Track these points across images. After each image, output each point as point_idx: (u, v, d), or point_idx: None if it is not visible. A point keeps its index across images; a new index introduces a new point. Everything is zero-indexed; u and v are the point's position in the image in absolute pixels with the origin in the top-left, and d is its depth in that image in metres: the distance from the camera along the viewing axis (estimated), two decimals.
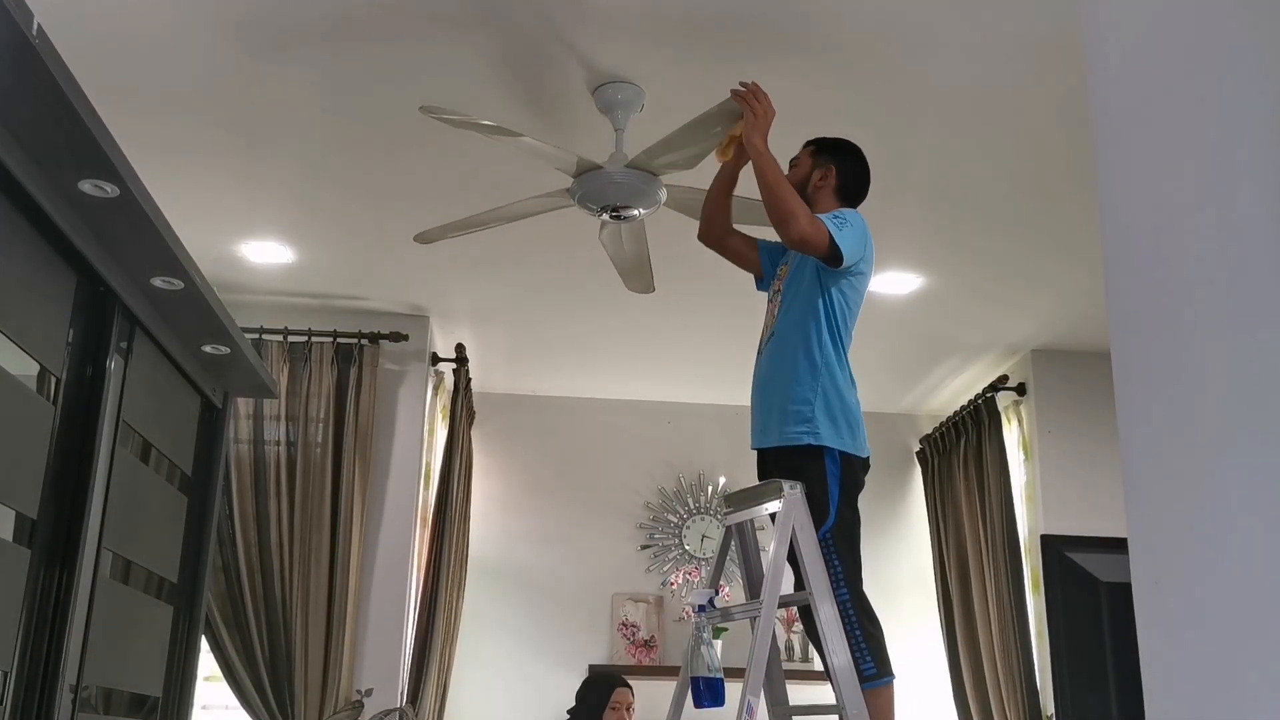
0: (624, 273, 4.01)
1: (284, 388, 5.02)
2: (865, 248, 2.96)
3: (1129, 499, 1.29)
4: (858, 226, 2.94)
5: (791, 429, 2.88)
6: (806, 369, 2.90)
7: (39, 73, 1.44)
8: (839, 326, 2.95)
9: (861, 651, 2.75)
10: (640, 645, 5.94)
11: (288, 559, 4.81)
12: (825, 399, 2.87)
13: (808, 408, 2.87)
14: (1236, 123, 1.14)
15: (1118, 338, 1.34)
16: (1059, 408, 5.39)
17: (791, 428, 2.88)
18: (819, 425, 2.85)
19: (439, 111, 3.23)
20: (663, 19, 3.16)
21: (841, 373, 2.94)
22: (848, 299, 2.97)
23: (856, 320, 3.04)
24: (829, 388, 2.89)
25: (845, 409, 2.91)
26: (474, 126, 3.29)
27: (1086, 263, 4.49)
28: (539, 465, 6.21)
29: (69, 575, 1.83)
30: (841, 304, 2.95)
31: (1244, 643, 1.09)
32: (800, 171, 3.14)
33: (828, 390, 2.88)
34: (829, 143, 3.18)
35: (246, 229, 4.51)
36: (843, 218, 2.92)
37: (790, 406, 2.89)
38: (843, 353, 2.96)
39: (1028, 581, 5.25)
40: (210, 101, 3.60)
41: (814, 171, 3.10)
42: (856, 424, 2.93)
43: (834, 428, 2.87)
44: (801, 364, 2.92)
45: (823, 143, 3.18)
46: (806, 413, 2.86)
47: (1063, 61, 3.25)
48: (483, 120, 3.30)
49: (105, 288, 1.92)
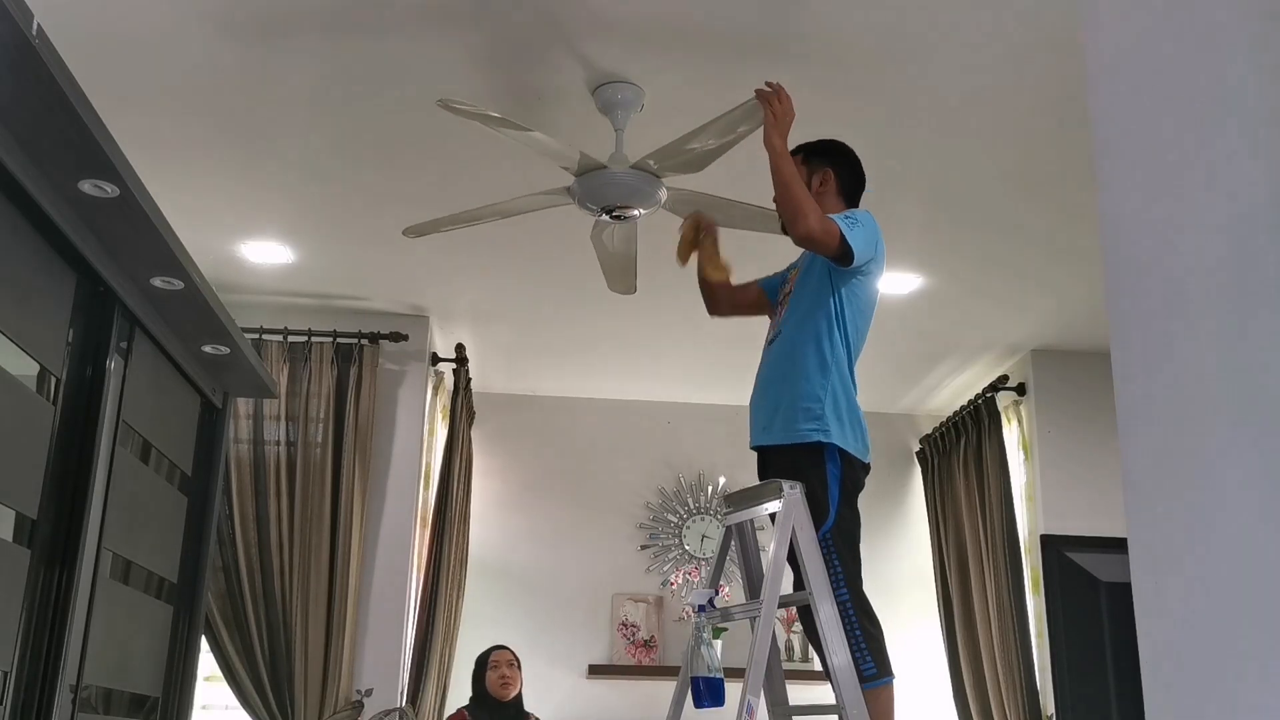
0: (609, 272, 4.01)
1: (284, 388, 5.02)
2: (876, 249, 2.95)
3: (1129, 499, 1.29)
4: (869, 226, 2.93)
5: (801, 426, 2.86)
6: (817, 366, 2.90)
7: (39, 73, 1.44)
8: (849, 328, 2.93)
9: (861, 651, 2.74)
10: (640, 645, 5.93)
11: (288, 559, 4.81)
12: (834, 398, 2.87)
13: (818, 405, 2.86)
14: (1236, 122, 1.14)
15: (1118, 338, 1.34)
16: (1059, 408, 5.39)
17: (800, 425, 2.87)
18: (829, 423, 2.85)
19: (455, 104, 3.23)
20: (663, 19, 3.16)
21: (851, 374, 2.93)
22: (859, 300, 2.94)
23: (869, 325, 3.00)
24: (838, 387, 2.88)
25: (852, 411, 2.90)
26: (486, 119, 3.27)
27: (1086, 263, 4.49)
28: (539, 465, 6.21)
29: (69, 575, 1.83)
30: (852, 305, 2.93)
31: (1244, 642, 1.09)
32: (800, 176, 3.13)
33: (837, 390, 2.87)
34: (817, 146, 3.15)
35: (246, 229, 4.51)
36: (854, 218, 2.92)
37: (800, 404, 2.88)
38: (852, 356, 2.94)
39: (1028, 581, 5.25)
40: (210, 102, 3.60)
41: (812, 178, 3.08)
42: (862, 428, 2.93)
43: (841, 427, 2.87)
44: (811, 361, 2.91)
45: (811, 148, 3.15)
46: (816, 410, 2.86)
47: (1062, 63, 3.25)
48: (494, 113, 3.29)
49: (105, 288, 1.92)
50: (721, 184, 3.56)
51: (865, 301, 2.98)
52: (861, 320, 2.97)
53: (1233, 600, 1.10)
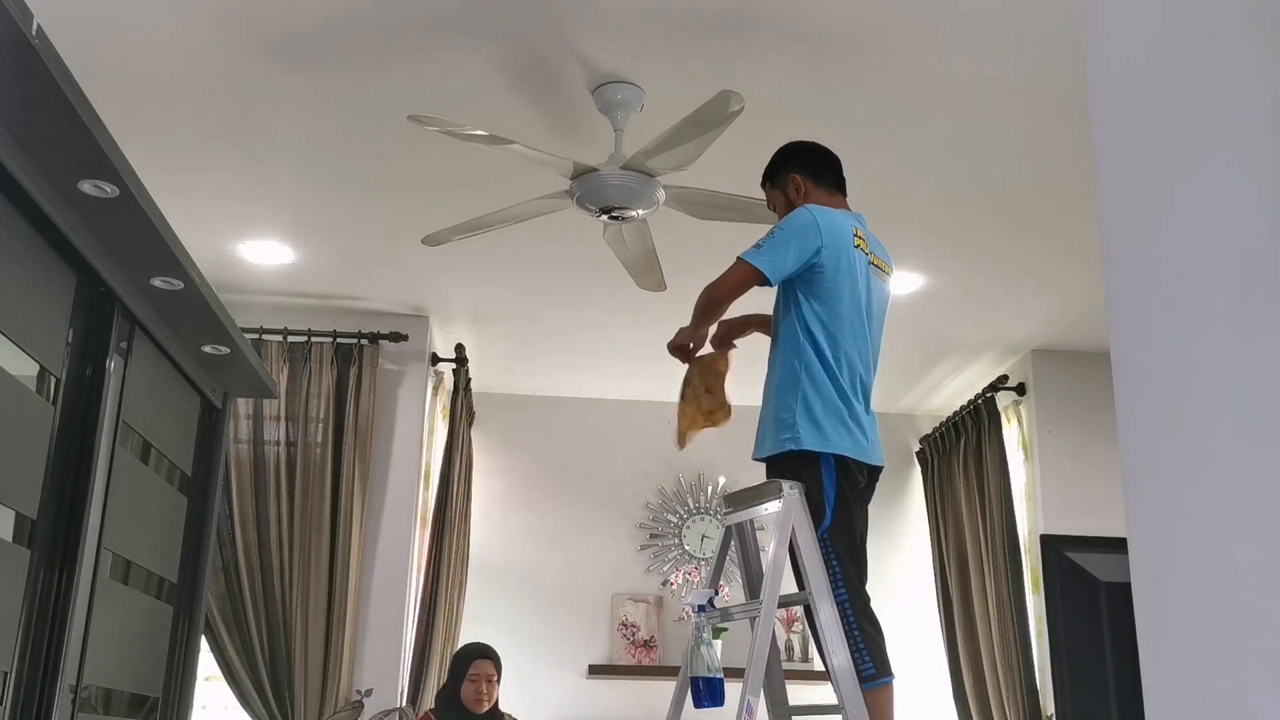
0: (633, 272, 4.00)
1: (284, 388, 5.02)
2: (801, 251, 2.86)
3: (1129, 499, 1.29)
4: (785, 230, 2.88)
5: (778, 437, 2.87)
6: (788, 375, 2.89)
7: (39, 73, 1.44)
8: (820, 328, 2.88)
9: (860, 652, 2.74)
10: (640, 645, 5.94)
11: (288, 559, 4.81)
12: (806, 403, 2.84)
13: (789, 414, 2.85)
14: (1236, 123, 1.14)
15: (1118, 338, 1.34)
16: (1059, 408, 5.39)
17: (778, 436, 2.87)
18: (800, 430, 2.83)
19: (427, 120, 3.23)
20: (663, 19, 3.16)
21: (829, 376, 2.85)
22: (822, 295, 2.87)
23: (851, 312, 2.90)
24: (810, 391, 2.85)
25: (833, 411, 2.84)
26: (461, 136, 3.28)
27: (1086, 263, 4.49)
28: (539, 465, 6.21)
29: (69, 575, 1.83)
30: (817, 302, 2.87)
31: (1244, 642, 1.09)
32: (779, 203, 3.11)
33: (809, 394, 2.84)
34: (769, 168, 3.14)
35: (246, 229, 4.51)
36: (772, 233, 2.89)
37: (775, 415, 2.89)
38: (829, 355, 2.86)
39: (1028, 581, 5.25)
40: (210, 102, 3.60)
41: (786, 192, 3.08)
42: (849, 425, 2.86)
43: (817, 430, 2.83)
44: (783, 372, 2.90)
45: (767, 169, 3.14)
46: (788, 420, 2.85)
47: (1061, 64, 3.25)
48: (471, 130, 3.28)
49: (105, 288, 1.92)
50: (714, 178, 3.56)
51: (829, 293, 2.88)
52: (831, 315, 2.89)
53: (1232, 600, 1.11)
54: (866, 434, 2.91)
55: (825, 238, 2.87)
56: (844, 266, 2.90)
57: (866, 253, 2.98)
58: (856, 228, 2.97)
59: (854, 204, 3.14)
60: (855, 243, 2.94)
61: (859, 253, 2.94)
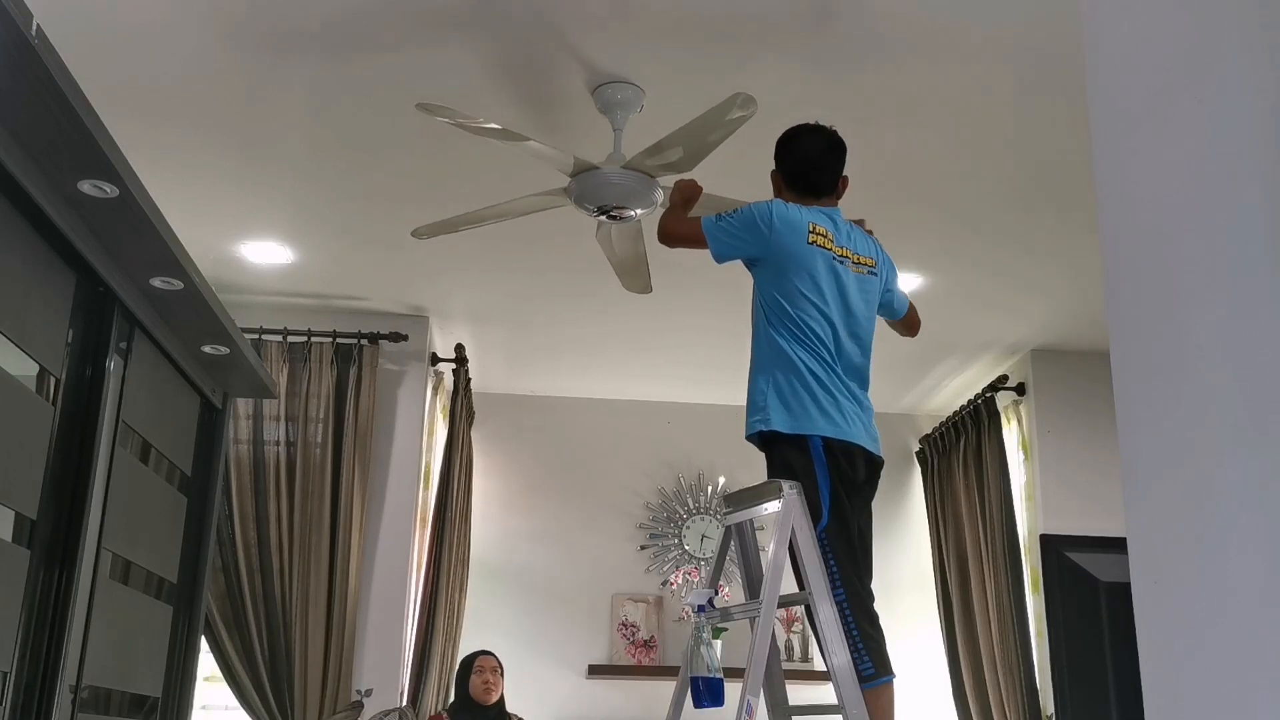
0: (621, 273, 4.01)
1: (283, 388, 5.02)
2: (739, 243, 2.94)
3: (1129, 499, 1.29)
4: (739, 218, 2.95)
5: (751, 418, 2.94)
6: (758, 358, 2.96)
7: (39, 73, 1.44)
8: (782, 313, 2.90)
9: (859, 651, 2.74)
10: (640, 645, 5.94)
11: (288, 559, 4.81)
12: (777, 385, 2.89)
13: (761, 397, 2.92)
14: (1236, 123, 1.14)
15: (1117, 338, 1.34)
16: (1058, 408, 5.39)
17: (751, 417, 2.94)
18: (770, 411, 2.88)
19: (437, 109, 3.23)
20: (663, 19, 3.16)
21: (798, 359, 2.87)
22: (778, 278, 2.92)
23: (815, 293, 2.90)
24: (779, 374, 2.89)
25: (803, 392, 2.85)
26: (472, 129, 3.28)
27: (1086, 263, 4.49)
28: (539, 465, 6.21)
29: (69, 575, 1.83)
30: (775, 287, 2.92)
31: (1244, 643, 1.09)
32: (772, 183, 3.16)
33: (778, 377, 2.89)
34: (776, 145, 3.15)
35: (246, 229, 4.51)
36: (733, 213, 2.97)
37: (751, 397, 2.96)
38: (797, 339, 2.88)
39: (1027, 581, 5.25)
40: (210, 102, 3.60)
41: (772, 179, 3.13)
42: (823, 403, 2.86)
43: (788, 411, 2.85)
44: (755, 355, 2.98)
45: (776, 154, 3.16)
46: (760, 401, 2.92)
47: (1061, 64, 3.25)
48: (482, 122, 3.29)
49: (105, 288, 1.92)
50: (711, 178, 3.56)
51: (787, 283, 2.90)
52: (792, 298, 2.89)
53: (1232, 600, 1.11)
54: (846, 416, 2.89)
55: (775, 234, 2.91)
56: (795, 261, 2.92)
57: (830, 249, 2.95)
58: (815, 224, 2.94)
59: (854, 204, 3.14)
60: (811, 239, 2.92)
61: (817, 249, 2.92)
